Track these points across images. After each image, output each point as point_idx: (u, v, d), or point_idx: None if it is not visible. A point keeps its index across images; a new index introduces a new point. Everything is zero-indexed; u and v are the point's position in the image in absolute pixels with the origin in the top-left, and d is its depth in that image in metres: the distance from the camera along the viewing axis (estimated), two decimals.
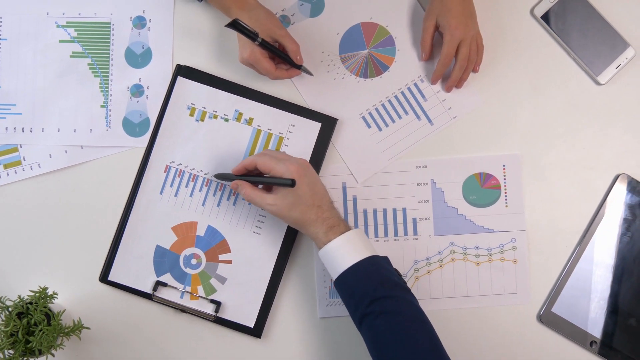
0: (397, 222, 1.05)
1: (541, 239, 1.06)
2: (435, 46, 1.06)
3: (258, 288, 1.03)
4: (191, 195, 1.04)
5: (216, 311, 1.02)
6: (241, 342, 1.03)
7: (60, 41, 1.06)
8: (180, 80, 1.05)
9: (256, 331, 1.02)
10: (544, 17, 1.08)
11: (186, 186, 1.04)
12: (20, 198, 1.04)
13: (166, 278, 1.03)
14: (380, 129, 1.07)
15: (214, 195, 1.04)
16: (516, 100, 1.08)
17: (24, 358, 0.93)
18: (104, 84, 1.06)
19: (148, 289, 1.02)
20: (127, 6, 1.07)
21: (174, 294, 1.02)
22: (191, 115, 1.05)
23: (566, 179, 1.07)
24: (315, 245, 0.96)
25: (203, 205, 1.04)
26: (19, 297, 0.95)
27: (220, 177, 1.03)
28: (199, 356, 1.03)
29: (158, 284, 1.02)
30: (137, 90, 1.06)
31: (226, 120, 1.05)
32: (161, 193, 1.04)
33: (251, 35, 0.97)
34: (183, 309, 1.02)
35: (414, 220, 1.05)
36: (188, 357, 1.03)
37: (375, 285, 0.89)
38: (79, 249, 1.04)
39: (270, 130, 1.05)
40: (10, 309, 0.93)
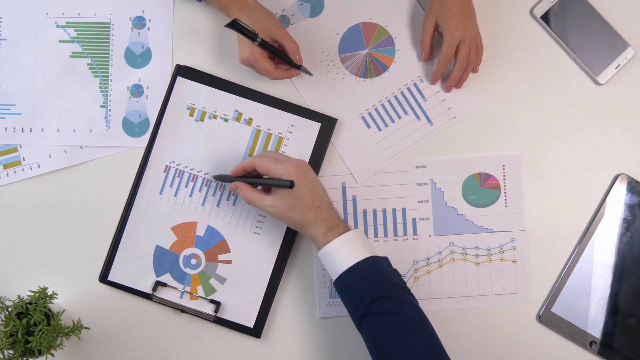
0: (397, 222, 1.05)
1: (541, 239, 1.06)
2: (434, 46, 1.06)
3: (258, 288, 1.03)
4: (191, 195, 1.04)
5: (216, 311, 1.02)
6: (241, 342, 1.03)
7: (59, 41, 1.06)
8: (179, 80, 1.05)
9: (256, 331, 1.02)
10: (544, 17, 1.08)
11: (186, 186, 1.04)
12: (20, 198, 1.04)
13: (166, 278, 1.03)
14: (379, 129, 1.07)
15: (214, 195, 1.04)
16: (516, 100, 1.08)
17: (24, 358, 0.93)
18: (104, 84, 1.06)
19: (148, 289, 1.02)
20: (127, 6, 1.07)
21: (174, 294, 1.02)
22: (191, 115, 1.05)
23: (566, 179, 1.07)
24: (314, 246, 0.96)
25: (203, 205, 1.04)
26: (19, 297, 0.95)
27: (219, 179, 1.03)
28: (199, 356, 1.03)
29: (158, 284, 1.02)
30: (137, 90, 1.06)
31: (226, 120, 1.05)
32: (161, 193, 1.04)
33: (251, 35, 0.97)
34: (183, 309, 1.02)
35: (414, 220, 1.05)
36: (187, 357, 1.03)
37: (374, 285, 0.89)
38: (79, 249, 1.04)
39: (269, 130, 1.05)
40: (9, 309, 0.93)
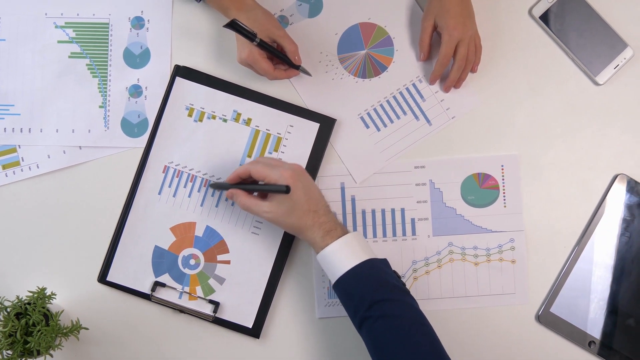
0: (396, 223, 1.05)
1: (540, 239, 1.06)
2: (433, 46, 1.06)
3: (256, 288, 1.03)
4: (189, 195, 1.04)
5: (215, 311, 1.02)
6: (240, 343, 1.03)
7: (58, 42, 1.06)
8: (178, 80, 1.05)
9: (255, 331, 1.02)
10: (543, 17, 1.08)
11: (185, 186, 1.04)
12: (18, 198, 1.04)
13: (165, 278, 1.03)
14: (378, 130, 1.07)
15: (213, 195, 1.04)
16: (514, 100, 1.08)
17: (22, 358, 0.93)
18: (103, 85, 1.06)
19: (146, 290, 1.02)
20: (126, 7, 1.07)
21: (173, 295, 1.02)
22: (189, 115, 1.05)
23: (565, 179, 1.07)
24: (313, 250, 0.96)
25: (201, 205, 1.04)
26: (18, 298, 0.95)
27: (215, 187, 1.03)
28: (198, 356, 1.03)
29: (156, 285, 1.02)
30: (136, 90, 1.06)
31: (224, 120, 1.05)
32: (159, 193, 1.04)
33: (249, 35, 0.97)
34: (181, 310, 1.02)
35: (413, 220, 1.05)
36: (187, 358, 1.03)
37: (374, 288, 0.89)
38: (78, 250, 1.04)
39: (268, 130, 1.05)
40: (8, 310, 0.93)
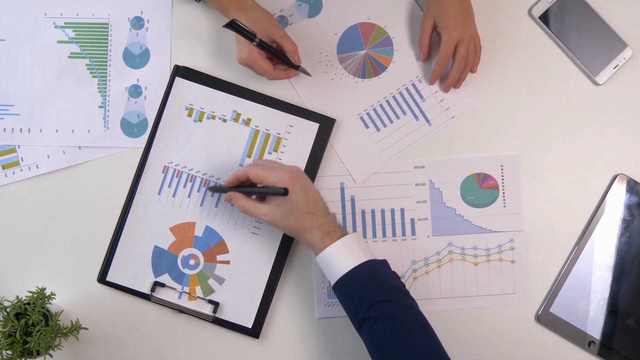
0: (395, 223, 1.05)
1: (539, 239, 1.06)
2: (433, 46, 1.06)
3: (256, 288, 1.03)
4: (189, 195, 1.04)
5: (214, 312, 1.02)
6: (239, 343, 1.03)
7: (58, 42, 1.06)
8: (178, 80, 1.05)
9: (254, 331, 1.02)
10: (542, 18, 1.08)
11: (184, 187, 1.04)
12: (18, 199, 1.04)
13: (164, 279, 1.03)
14: (378, 130, 1.07)
15: (212, 196, 1.04)
16: (514, 100, 1.08)
17: (22, 359, 0.93)
18: (102, 85, 1.06)
19: (146, 290, 1.02)
20: (125, 7, 1.07)
21: (172, 295, 1.02)
22: (189, 115, 1.05)
23: (564, 179, 1.07)
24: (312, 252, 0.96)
25: (201, 205, 1.04)
26: (17, 298, 0.95)
27: (214, 190, 1.03)
28: (197, 357, 1.03)
29: (156, 285, 1.02)
30: (135, 90, 1.06)
31: (224, 120, 1.05)
32: (159, 193, 1.04)
33: (249, 35, 0.97)
34: (181, 310, 1.02)
35: (412, 220, 1.05)
36: (186, 358, 1.03)
37: (373, 289, 0.89)
38: (77, 250, 1.04)
39: (268, 130, 1.05)
40: (8, 310, 0.93)
